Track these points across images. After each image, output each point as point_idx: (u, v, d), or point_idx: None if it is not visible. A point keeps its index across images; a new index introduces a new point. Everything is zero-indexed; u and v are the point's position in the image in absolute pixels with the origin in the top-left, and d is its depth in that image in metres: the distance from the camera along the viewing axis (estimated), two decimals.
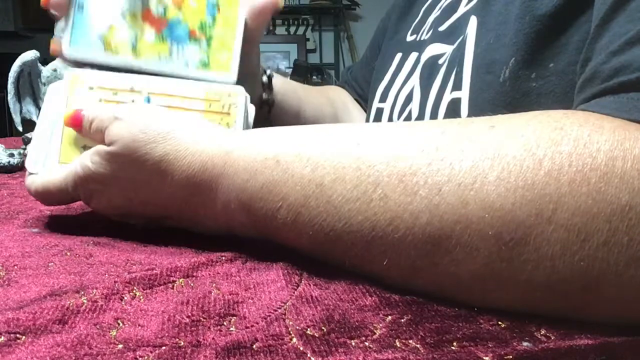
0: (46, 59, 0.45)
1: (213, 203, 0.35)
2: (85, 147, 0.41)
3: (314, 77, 3.01)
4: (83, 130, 0.40)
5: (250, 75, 0.57)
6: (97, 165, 0.38)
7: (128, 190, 0.38)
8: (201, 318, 0.27)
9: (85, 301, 0.28)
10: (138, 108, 0.40)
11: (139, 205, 0.38)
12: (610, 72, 0.29)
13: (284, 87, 0.63)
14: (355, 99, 0.78)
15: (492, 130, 0.28)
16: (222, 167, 0.34)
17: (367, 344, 0.25)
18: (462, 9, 0.52)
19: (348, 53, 3.73)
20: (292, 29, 3.82)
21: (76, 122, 0.40)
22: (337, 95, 0.78)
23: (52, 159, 0.41)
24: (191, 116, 0.41)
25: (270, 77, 0.60)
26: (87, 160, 0.38)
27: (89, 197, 0.40)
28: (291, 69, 3.02)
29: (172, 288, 0.30)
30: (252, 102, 0.44)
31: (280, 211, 0.32)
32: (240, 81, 0.46)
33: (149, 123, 0.36)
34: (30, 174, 0.41)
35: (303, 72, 2.80)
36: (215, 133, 0.37)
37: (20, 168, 0.71)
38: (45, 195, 0.41)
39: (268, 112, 0.60)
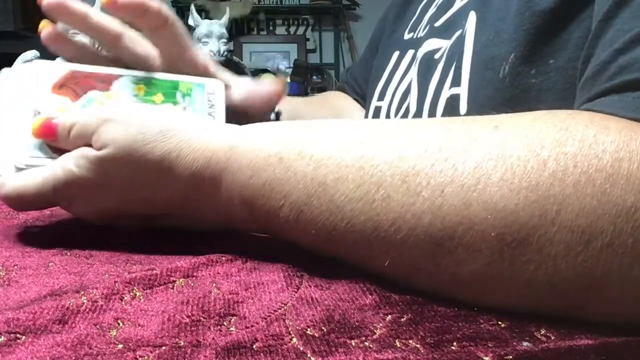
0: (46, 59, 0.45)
1: (216, 198, 0.35)
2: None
3: (314, 77, 3.00)
4: (58, 139, 0.37)
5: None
6: (83, 169, 0.35)
7: (124, 192, 0.36)
8: (201, 318, 0.27)
9: (85, 301, 0.28)
10: (127, 107, 0.38)
11: (136, 206, 0.37)
12: (615, 70, 0.29)
13: (290, 115, 0.62)
14: (355, 99, 0.79)
15: (496, 131, 0.28)
16: (226, 163, 0.34)
17: (367, 344, 0.25)
18: (458, 4, 0.52)
19: (348, 53, 3.72)
20: (292, 29, 3.81)
21: (49, 132, 0.37)
22: (338, 101, 0.78)
23: (13, 159, 0.37)
24: (183, 112, 0.40)
25: (278, 115, 0.60)
26: (71, 164, 0.35)
27: (69, 202, 0.37)
28: (291, 69, 3.01)
29: (172, 288, 0.30)
30: None
31: (282, 209, 0.32)
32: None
33: (146, 122, 0.35)
34: None
35: (303, 72, 2.80)
36: (216, 127, 0.36)
37: None
38: (17, 201, 0.37)
39: None
